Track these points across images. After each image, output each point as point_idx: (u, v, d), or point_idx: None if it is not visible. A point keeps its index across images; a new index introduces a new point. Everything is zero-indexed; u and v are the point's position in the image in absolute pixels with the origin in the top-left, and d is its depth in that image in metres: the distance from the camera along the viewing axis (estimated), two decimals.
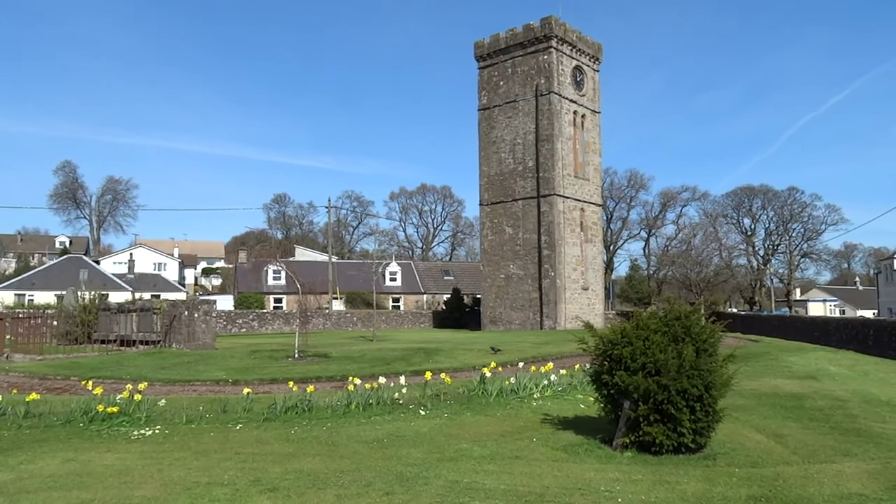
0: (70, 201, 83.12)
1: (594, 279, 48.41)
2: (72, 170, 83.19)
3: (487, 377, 12.87)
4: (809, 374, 17.24)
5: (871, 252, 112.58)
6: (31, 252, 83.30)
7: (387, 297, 63.35)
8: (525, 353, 24.14)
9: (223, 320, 45.85)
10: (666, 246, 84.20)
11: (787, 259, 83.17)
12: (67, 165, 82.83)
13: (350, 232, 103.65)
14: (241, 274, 61.30)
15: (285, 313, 50.60)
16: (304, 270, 45.03)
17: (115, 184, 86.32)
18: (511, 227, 47.26)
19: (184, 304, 27.79)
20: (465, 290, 60.80)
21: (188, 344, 25.87)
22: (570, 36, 47.23)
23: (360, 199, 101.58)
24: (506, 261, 47.34)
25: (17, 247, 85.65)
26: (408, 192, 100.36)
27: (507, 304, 47.14)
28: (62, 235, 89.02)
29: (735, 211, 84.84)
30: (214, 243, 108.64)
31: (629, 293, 71.33)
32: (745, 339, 32.70)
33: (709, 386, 7.86)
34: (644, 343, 8.10)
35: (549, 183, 45.26)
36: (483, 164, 49.10)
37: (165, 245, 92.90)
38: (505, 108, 48.00)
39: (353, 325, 51.46)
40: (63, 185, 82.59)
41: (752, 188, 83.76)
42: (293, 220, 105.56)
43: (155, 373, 18.71)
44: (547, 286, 44.79)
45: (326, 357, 22.99)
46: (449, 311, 55.69)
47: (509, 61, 47.88)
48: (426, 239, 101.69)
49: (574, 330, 37.64)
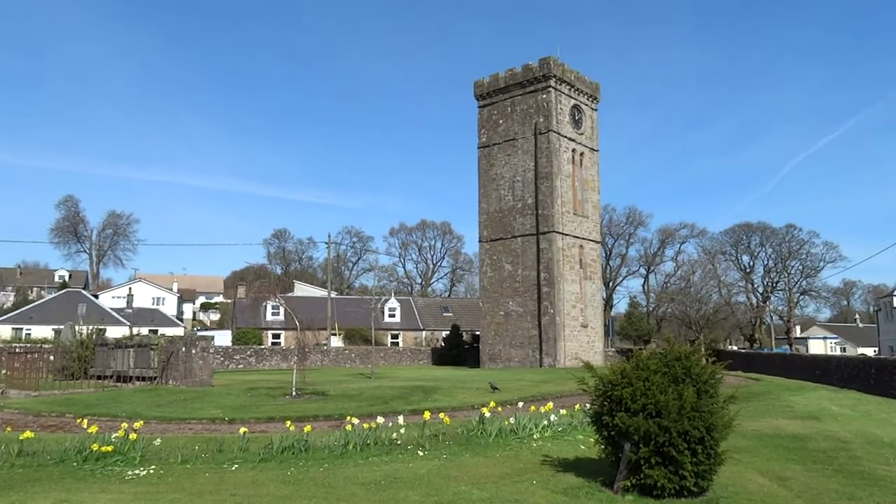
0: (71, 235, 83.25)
1: (593, 316, 48.25)
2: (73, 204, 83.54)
3: (486, 417, 12.73)
4: (811, 414, 17.07)
5: (871, 289, 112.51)
6: (29, 286, 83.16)
7: (385, 333, 63.01)
8: (524, 391, 23.91)
9: (221, 356, 45.55)
10: (665, 283, 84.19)
11: (787, 296, 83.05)
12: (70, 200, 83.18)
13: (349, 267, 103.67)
14: (239, 309, 61.08)
15: (283, 349, 50.29)
16: (303, 306, 44.93)
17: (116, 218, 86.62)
18: (510, 264, 47.29)
19: (181, 339, 27.63)
20: (464, 327, 60.52)
21: (185, 380, 25.63)
22: (569, 76, 47.99)
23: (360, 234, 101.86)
24: (505, 297, 47.24)
25: (16, 280, 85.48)
26: (407, 228, 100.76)
27: (506, 341, 46.88)
28: (62, 269, 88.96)
29: (733, 248, 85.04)
30: (213, 278, 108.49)
31: (629, 330, 70.98)
32: (746, 377, 32.44)
33: (710, 427, 7.78)
34: (644, 384, 8.04)
35: (548, 220, 45.45)
36: (483, 201, 49.37)
37: (164, 280, 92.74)
38: (504, 146, 48.49)
39: (352, 362, 51.09)
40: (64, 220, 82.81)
41: (751, 225, 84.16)
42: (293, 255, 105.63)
43: (151, 410, 18.50)
44: (546, 323, 44.61)
45: (324, 395, 22.76)
46: (448, 348, 55.34)
47: (508, 100, 48.54)
48: (425, 275, 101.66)
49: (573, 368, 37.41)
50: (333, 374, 38.64)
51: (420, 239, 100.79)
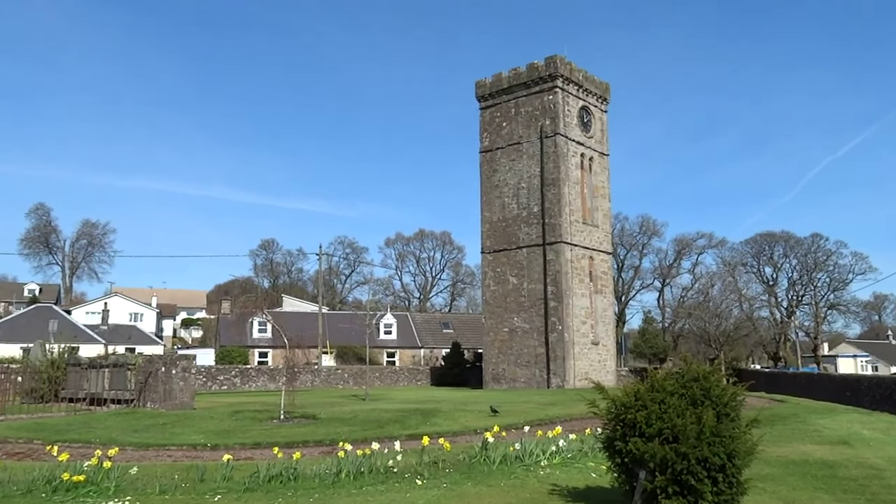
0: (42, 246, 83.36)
1: (605, 333, 48.18)
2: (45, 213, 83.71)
3: (490, 443, 12.67)
4: (841, 438, 16.99)
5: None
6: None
7: (381, 351, 62.91)
8: (531, 415, 23.83)
9: (203, 376, 45.46)
10: (682, 297, 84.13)
11: (813, 311, 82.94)
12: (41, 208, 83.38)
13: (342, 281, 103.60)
14: (223, 326, 60.99)
15: (271, 369, 50.26)
16: (292, 322, 44.89)
17: (90, 228, 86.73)
18: (515, 277, 47.27)
19: (161, 358, 27.55)
20: (465, 345, 60.43)
21: (164, 403, 25.56)
22: (577, 75, 48.18)
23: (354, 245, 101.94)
24: (509, 313, 47.19)
25: None
26: (404, 238, 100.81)
27: (510, 359, 46.79)
28: (31, 283, 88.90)
29: (755, 259, 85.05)
30: (196, 292, 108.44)
31: (643, 348, 70.85)
32: (770, 399, 32.34)
33: (732, 454, 7.73)
34: (660, 407, 8.00)
35: (555, 229, 45.48)
36: (485, 210, 49.43)
37: (143, 294, 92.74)
38: (508, 151, 48.60)
39: (345, 383, 50.99)
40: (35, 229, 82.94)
41: (773, 235, 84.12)
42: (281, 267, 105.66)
43: (127, 436, 18.42)
44: (554, 341, 44.53)
45: (314, 419, 22.68)
46: (448, 368, 55.22)
47: (512, 101, 48.71)
48: (424, 288, 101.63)
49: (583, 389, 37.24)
50: (325, 395, 38.48)
51: (418, 250, 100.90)
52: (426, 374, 56.11)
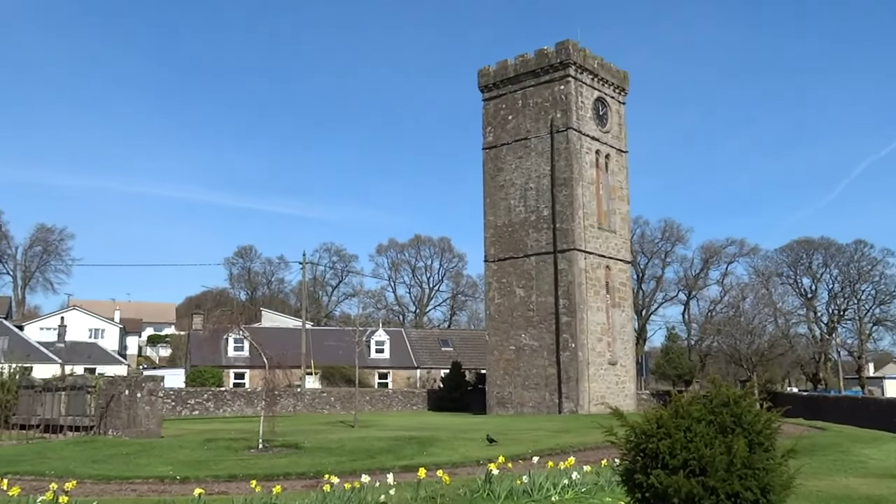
0: None
1: (623, 352, 48.19)
2: None
3: (494, 475, 12.65)
4: (889, 470, 16.98)
5: None
6: None
7: (372, 372, 62.82)
8: (540, 443, 23.81)
9: (172, 400, 45.50)
10: (709, 311, 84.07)
11: (857, 327, 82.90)
12: None
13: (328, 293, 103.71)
14: (195, 343, 60.92)
15: (248, 392, 50.29)
16: (273, 339, 44.70)
17: (45, 233, 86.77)
18: (522, 289, 47.31)
19: (124, 380, 27.59)
20: (466, 364, 60.36)
21: (128, 430, 25.52)
22: (591, 63, 48.36)
23: (342, 252, 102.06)
24: (516, 329, 47.20)
25: None
26: (398, 245, 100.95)
27: (518, 381, 46.77)
28: None
29: (791, 269, 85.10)
30: (164, 305, 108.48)
31: (666, 369, 70.78)
32: (809, 426, 32.32)
33: (766, 488, 7.72)
34: (685, 435, 7.99)
35: (567, 235, 45.56)
36: (489, 213, 49.53)
37: (104, 307, 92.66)
38: (514, 147, 48.73)
39: (331, 407, 50.97)
40: None
41: (811, 241, 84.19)
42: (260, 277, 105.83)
43: (86, 467, 18.38)
44: (566, 360, 44.53)
45: (297, 448, 22.67)
46: (447, 390, 55.17)
47: (519, 92, 48.87)
48: (420, 301, 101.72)
49: (599, 415, 37.19)
50: (309, 421, 38.38)
51: (414, 258, 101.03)
52: (422, 398, 56.02)
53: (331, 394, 52.81)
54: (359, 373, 48.07)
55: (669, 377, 70.61)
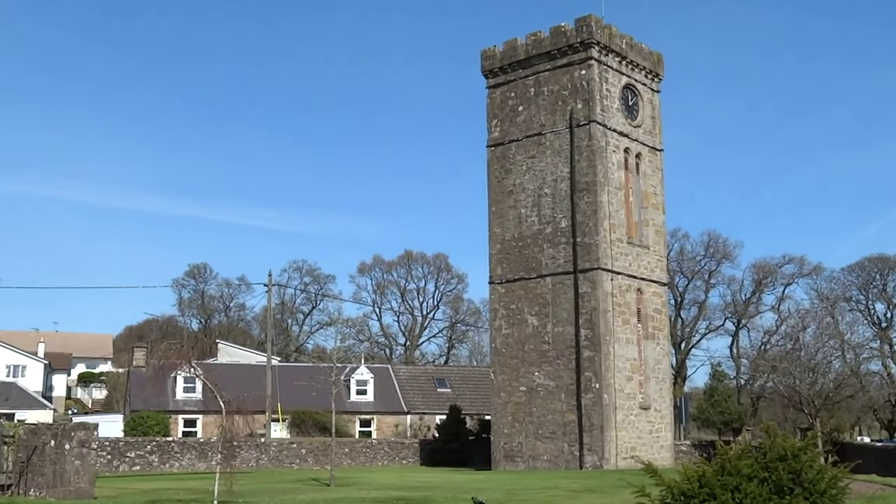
0: None
1: (658, 393, 48.09)
2: None
3: None
4: None
5: None
6: None
7: (352, 418, 62.68)
8: None
9: (108, 453, 45.44)
10: (763, 343, 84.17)
11: None
12: None
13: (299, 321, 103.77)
14: (136, 383, 60.77)
15: (201, 443, 50.20)
16: (231, 378, 44.67)
17: None
18: (535, 317, 47.26)
19: (50, 428, 27.45)
20: (467, 409, 60.27)
21: (54, 490, 25.38)
22: (618, 43, 48.60)
23: (315, 272, 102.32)
24: (528, 366, 47.11)
25: None
26: (385, 264, 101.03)
27: (529, 430, 46.62)
28: None
29: (862, 292, 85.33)
30: (99, 337, 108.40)
31: (710, 414, 70.75)
32: (884, 484, 32.23)
33: None
34: (733, 496, 8.01)
35: (590, 251, 45.58)
36: (495, 224, 49.56)
37: (26, 339, 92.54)
38: (526, 144, 48.83)
39: (302, 462, 50.89)
40: None
41: (886, 259, 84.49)
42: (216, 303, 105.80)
43: None
44: (589, 404, 44.42)
45: None
46: (444, 441, 55.03)
47: (532, 78, 49.03)
48: (411, 332, 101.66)
49: (629, 470, 36.96)
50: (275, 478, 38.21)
51: (403, 279, 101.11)
52: (413, 450, 55.83)
53: (301, 445, 52.60)
54: (336, 419, 47.87)
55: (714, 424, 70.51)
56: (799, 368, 64.89)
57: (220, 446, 25.74)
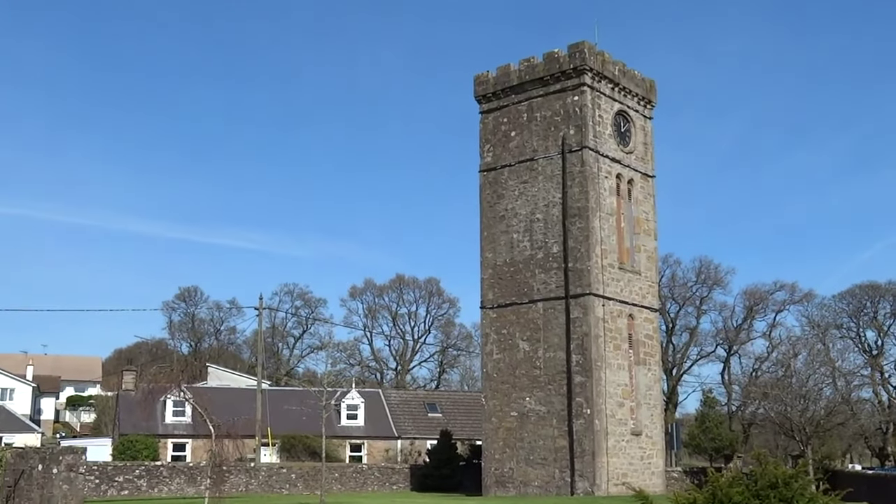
0: None
1: (650, 420, 48.04)
2: None
3: None
4: None
5: None
6: None
7: (343, 442, 62.44)
8: None
9: (96, 477, 45.16)
10: (754, 370, 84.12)
11: None
12: None
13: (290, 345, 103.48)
14: (125, 407, 60.43)
15: (190, 467, 49.90)
16: (221, 402, 44.54)
17: None
18: (527, 342, 47.25)
19: (38, 452, 27.33)
20: (458, 434, 60.10)
21: None
22: (611, 69, 48.91)
23: (306, 296, 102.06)
24: (520, 391, 47.04)
25: None
26: (376, 288, 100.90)
27: (521, 455, 46.49)
28: None
29: (853, 319, 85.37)
30: (88, 360, 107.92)
31: (701, 440, 70.65)
32: None
33: None
34: None
35: (582, 277, 45.65)
36: (486, 249, 49.62)
37: (14, 362, 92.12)
38: (518, 170, 49.00)
39: (292, 486, 50.60)
40: None
41: (877, 287, 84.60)
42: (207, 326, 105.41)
43: None
44: (580, 430, 44.34)
45: None
46: (434, 466, 54.82)
47: (524, 104, 49.29)
48: (402, 357, 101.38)
49: (620, 496, 36.86)
50: None
51: (395, 304, 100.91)
52: (404, 475, 55.52)
53: (291, 470, 52.30)
54: (326, 444, 47.76)
55: (705, 451, 70.34)
56: (790, 395, 64.89)
57: (210, 471, 25.66)
